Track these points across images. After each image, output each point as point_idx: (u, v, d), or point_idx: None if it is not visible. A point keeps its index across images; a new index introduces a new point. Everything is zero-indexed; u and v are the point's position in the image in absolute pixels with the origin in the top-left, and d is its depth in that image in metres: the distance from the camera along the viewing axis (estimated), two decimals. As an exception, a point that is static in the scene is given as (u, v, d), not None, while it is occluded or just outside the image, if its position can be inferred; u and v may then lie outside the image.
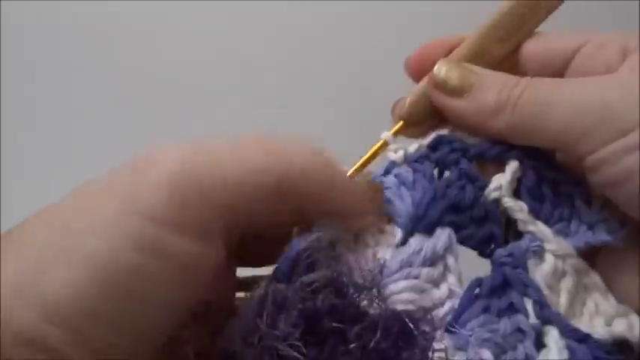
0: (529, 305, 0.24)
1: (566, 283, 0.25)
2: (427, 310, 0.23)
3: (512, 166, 0.27)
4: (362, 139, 0.28)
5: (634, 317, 0.25)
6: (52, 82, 0.64)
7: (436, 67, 0.28)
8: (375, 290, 0.23)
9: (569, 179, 0.27)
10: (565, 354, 0.23)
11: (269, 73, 0.63)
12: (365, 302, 0.22)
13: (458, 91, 0.27)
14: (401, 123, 0.29)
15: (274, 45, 0.64)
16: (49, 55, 0.64)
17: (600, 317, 0.25)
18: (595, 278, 0.26)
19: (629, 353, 0.24)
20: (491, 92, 0.26)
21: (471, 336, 0.23)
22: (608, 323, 0.25)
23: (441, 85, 0.27)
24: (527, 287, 0.25)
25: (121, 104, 0.64)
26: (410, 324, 0.21)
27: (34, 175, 0.63)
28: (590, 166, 0.25)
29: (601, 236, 0.26)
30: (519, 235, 0.26)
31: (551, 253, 0.25)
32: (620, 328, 0.24)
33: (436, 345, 0.22)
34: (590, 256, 0.27)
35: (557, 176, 0.27)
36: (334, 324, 0.21)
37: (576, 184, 0.27)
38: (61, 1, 0.63)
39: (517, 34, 0.29)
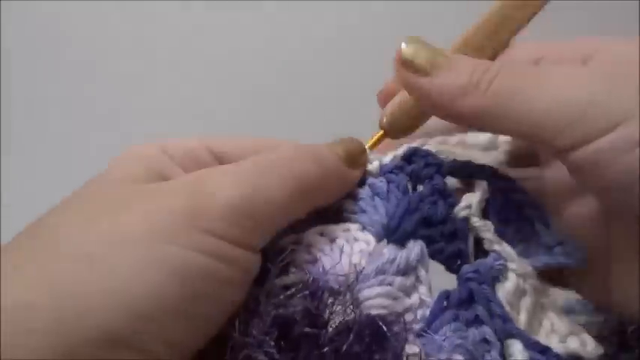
0: (493, 319, 0.25)
1: (526, 302, 0.26)
2: (400, 314, 0.23)
3: (482, 186, 0.28)
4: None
5: (586, 336, 0.26)
6: (51, 81, 0.64)
7: (403, 43, 0.27)
8: (349, 295, 0.23)
9: (531, 202, 0.29)
10: None
11: (266, 74, 0.63)
12: (339, 307, 0.22)
13: (425, 70, 0.26)
14: (380, 133, 0.29)
15: (272, 45, 0.64)
16: (49, 55, 0.64)
17: (555, 335, 0.26)
18: (552, 299, 0.27)
19: None
20: (462, 74, 0.25)
21: (444, 340, 0.23)
22: (563, 341, 0.26)
23: (407, 63, 0.26)
24: (491, 302, 0.25)
25: (120, 104, 0.64)
26: (383, 327, 0.22)
27: (34, 174, 0.63)
28: (575, 164, 0.24)
29: (559, 259, 0.28)
30: (486, 252, 0.27)
31: (513, 272, 0.26)
32: (574, 345, 0.25)
33: (410, 350, 0.22)
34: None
35: (521, 199, 0.29)
36: (308, 329, 0.21)
37: (537, 208, 0.29)
38: (61, 1, 0.63)
39: (500, 36, 0.28)
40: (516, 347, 0.24)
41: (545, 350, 0.24)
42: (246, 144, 0.27)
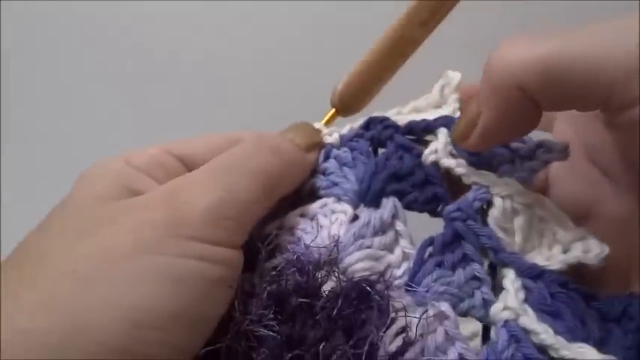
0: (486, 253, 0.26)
1: (519, 222, 0.26)
2: (382, 273, 0.25)
3: (443, 132, 0.28)
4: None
5: (591, 240, 0.26)
6: (51, 81, 0.65)
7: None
8: (333, 264, 0.25)
9: None
10: (522, 294, 0.24)
11: (263, 73, 0.64)
12: (326, 276, 0.24)
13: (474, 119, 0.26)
14: (333, 111, 0.31)
15: (269, 44, 0.65)
16: (49, 55, 0.65)
17: (558, 245, 0.26)
18: (550, 207, 0.27)
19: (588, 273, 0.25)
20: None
21: (427, 292, 0.25)
22: (566, 249, 0.26)
23: (464, 135, 0.27)
24: (480, 236, 0.26)
25: (120, 104, 0.65)
26: (367, 287, 0.23)
27: (34, 174, 0.64)
28: (633, 121, 0.22)
29: (542, 157, 0.27)
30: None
31: (498, 195, 0.26)
32: (576, 253, 0.25)
33: (397, 305, 0.24)
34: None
35: None
36: (301, 300, 0.23)
37: None
38: (61, 1, 0.64)
39: (436, 17, 0.30)
40: (509, 277, 0.25)
41: (539, 275, 0.25)
42: (207, 142, 0.28)
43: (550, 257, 0.26)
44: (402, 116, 0.30)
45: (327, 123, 0.31)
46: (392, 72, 0.31)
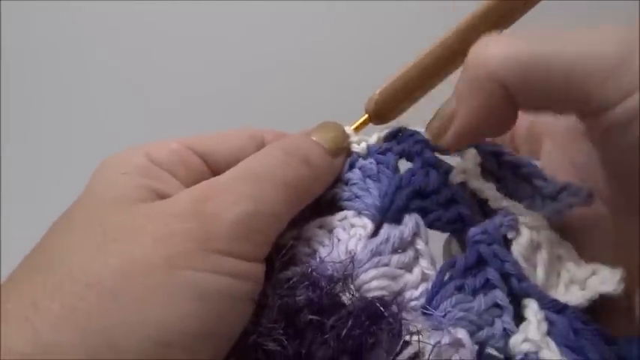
0: (507, 280, 0.25)
1: (542, 255, 0.25)
2: (397, 294, 0.24)
3: (472, 152, 0.27)
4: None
5: (606, 272, 0.24)
6: (51, 81, 0.65)
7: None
8: (347, 281, 0.24)
9: (525, 161, 0.28)
10: (544, 326, 0.24)
11: (266, 74, 0.64)
12: (340, 293, 0.23)
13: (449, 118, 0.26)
14: (365, 117, 0.30)
15: (267, 44, 0.65)
16: (49, 55, 0.65)
17: (575, 285, 0.25)
18: (567, 247, 0.26)
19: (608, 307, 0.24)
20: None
21: (444, 316, 0.24)
22: (583, 287, 0.25)
23: (439, 133, 0.27)
24: (504, 262, 0.25)
25: (120, 104, 0.65)
26: (380, 308, 0.22)
27: (34, 174, 0.64)
28: (613, 123, 0.21)
29: (567, 201, 0.26)
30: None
31: (525, 225, 0.26)
32: (594, 286, 0.24)
33: (412, 328, 0.23)
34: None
35: (514, 159, 0.28)
36: (311, 316, 0.22)
37: (532, 165, 0.28)
38: (61, 1, 0.64)
39: (501, 27, 0.28)
40: (531, 308, 0.24)
41: (562, 309, 0.24)
42: (228, 139, 0.27)
43: (568, 295, 0.25)
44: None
45: (358, 129, 0.30)
46: (433, 87, 0.29)
